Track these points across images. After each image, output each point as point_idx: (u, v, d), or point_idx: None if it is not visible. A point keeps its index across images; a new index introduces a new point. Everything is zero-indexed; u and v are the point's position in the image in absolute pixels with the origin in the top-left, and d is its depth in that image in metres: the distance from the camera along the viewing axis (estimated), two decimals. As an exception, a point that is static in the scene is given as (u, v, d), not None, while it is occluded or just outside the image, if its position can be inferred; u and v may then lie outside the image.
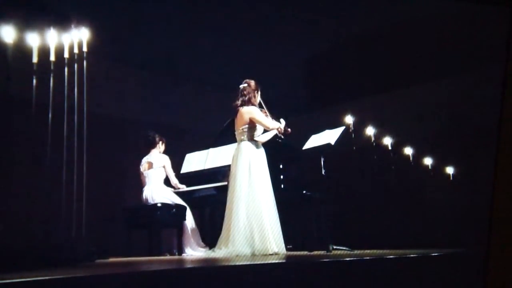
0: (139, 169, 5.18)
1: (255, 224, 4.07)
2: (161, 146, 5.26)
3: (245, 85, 4.46)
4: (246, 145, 4.36)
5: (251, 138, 4.38)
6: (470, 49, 5.43)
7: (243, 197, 4.18)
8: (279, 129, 4.47)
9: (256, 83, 4.50)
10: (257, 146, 4.39)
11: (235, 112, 4.47)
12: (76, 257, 3.42)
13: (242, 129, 4.39)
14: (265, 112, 4.52)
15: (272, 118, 4.54)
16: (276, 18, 6.06)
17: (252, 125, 4.38)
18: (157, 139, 5.23)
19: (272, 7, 5.87)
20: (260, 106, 4.53)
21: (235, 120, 4.48)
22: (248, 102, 4.41)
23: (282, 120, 4.59)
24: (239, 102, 4.43)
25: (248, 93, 4.43)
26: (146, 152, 5.23)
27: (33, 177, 4.60)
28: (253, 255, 3.97)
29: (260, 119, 4.39)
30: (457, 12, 5.35)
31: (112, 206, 5.41)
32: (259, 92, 4.52)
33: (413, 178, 5.81)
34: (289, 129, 4.57)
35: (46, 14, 4.71)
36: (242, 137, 4.40)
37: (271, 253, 3.99)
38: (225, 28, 6.03)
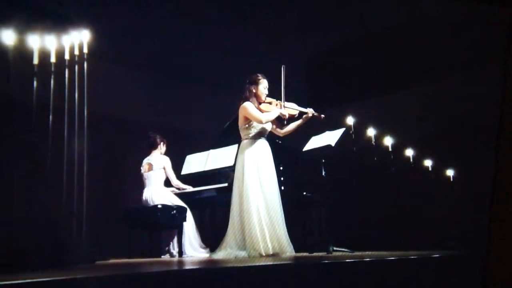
0: (140, 170, 5.18)
1: (246, 225, 4.03)
2: (162, 147, 5.25)
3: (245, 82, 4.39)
4: (243, 144, 4.32)
5: (251, 136, 4.28)
6: (470, 49, 5.43)
7: (236, 198, 4.17)
8: (283, 115, 4.27)
9: (255, 76, 4.34)
10: (255, 144, 4.26)
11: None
12: (77, 258, 3.43)
13: (241, 127, 4.34)
14: (279, 104, 4.32)
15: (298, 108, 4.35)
16: (277, 18, 6.07)
17: (249, 122, 4.27)
18: (158, 140, 5.21)
19: (273, 8, 5.88)
20: (271, 96, 4.38)
21: None
22: (245, 99, 4.30)
23: (309, 109, 4.36)
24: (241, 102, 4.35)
25: (246, 90, 4.33)
26: (147, 153, 5.23)
27: (34, 178, 4.60)
28: (249, 256, 3.93)
29: (251, 114, 4.22)
30: (457, 12, 5.35)
31: (112, 208, 5.40)
32: (261, 84, 4.34)
33: (414, 179, 5.80)
34: (322, 115, 4.37)
35: (47, 16, 4.71)
36: (242, 136, 4.35)
37: (264, 254, 3.92)
38: (226, 28, 6.03)
